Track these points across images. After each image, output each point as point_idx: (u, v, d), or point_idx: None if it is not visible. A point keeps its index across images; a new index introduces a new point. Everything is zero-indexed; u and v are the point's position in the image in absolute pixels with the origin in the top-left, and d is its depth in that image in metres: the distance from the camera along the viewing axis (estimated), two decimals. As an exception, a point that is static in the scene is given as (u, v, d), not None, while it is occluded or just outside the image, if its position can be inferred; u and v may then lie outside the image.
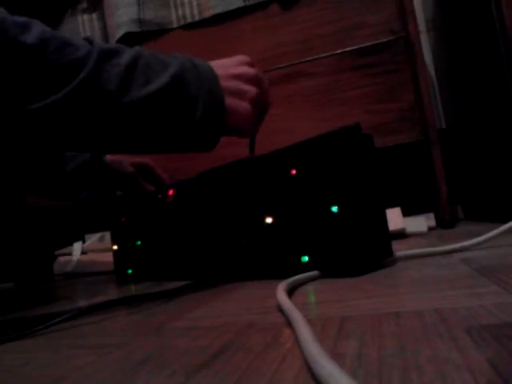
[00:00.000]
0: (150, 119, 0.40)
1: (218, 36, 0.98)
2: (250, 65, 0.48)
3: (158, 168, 0.69)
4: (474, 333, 0.18)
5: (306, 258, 0.41)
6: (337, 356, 0.17)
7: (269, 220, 0.44)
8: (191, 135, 0.43)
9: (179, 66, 0.42)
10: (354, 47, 0.89)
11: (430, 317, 0.21)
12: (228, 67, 0.46)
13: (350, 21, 0.89)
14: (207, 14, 0.97)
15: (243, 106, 0.45)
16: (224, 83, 0.44)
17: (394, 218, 0.72)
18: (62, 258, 0.97)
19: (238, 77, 0.45)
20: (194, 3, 0.98)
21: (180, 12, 0.99)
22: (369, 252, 0.39)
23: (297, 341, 0.20)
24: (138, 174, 0.66)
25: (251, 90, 0.46)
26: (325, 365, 0.14)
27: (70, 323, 0.34)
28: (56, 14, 1.11)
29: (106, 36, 1.08)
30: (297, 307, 0.24)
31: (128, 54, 0.40)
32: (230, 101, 0.44)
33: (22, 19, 0.36)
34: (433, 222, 0.82)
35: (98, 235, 1.02)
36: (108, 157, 0.65)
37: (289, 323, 0.23)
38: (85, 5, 1.09)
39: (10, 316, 0.46)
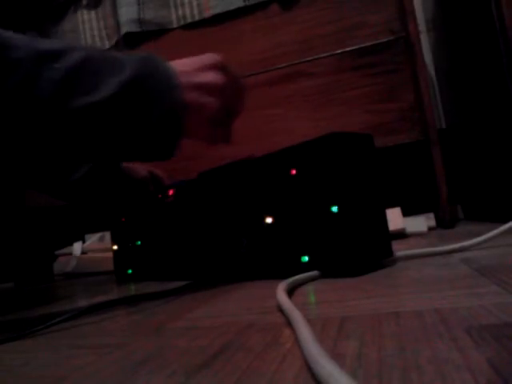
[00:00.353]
0: (92, 131, 0.37)
1: (218, 36, 0.98)
2: (220, 67, 0.44)
3: (157, 168, 0.68)
4: (474, 333, 0.18)
5: (305, 258, 0.41)
6: (337, 356, 0.17)
7: (269, 220, 0.44)
8: (142, 148, 0.40)
9: (133, 72, 0.38)
10: (354, 47, 0.89)
11: (430, 317, 0.21)
12: (192, 74, 0.42)
13: (349, 21, 0.89)
14: (207, 14, 0.97)
15: (200, 121, 0.42)
16: (184, 95, 0.40)
17: (394, 218, 0.72)
18: (62, 258, 0.97)
19: (200, 87, 0.42)
20: (194, 3, 0.98)
21: (180, 12, 0.99)
22: (369, 252, 0.39)
23: (297, 341, 0.20)
24: (150, 180, 0.65)
25: (211, 103, 0.42)
26: (325, 365, 0.14)
27: (70, 323, 0.34)
28: (58, 11, 1.11)
29: (106, 36, 1.08)
30: (297, 307, 0.24)
31: (73, 57, 0.36)
32: (192, 96, 0.41)
33: None
34: (433, 222, 0.82)
35: (97, 235, 1.02)
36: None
37: (289, 323, 0.23)
38: (85, 1, 1.09)
39: (10, 316, 0.46)
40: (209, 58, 0.44)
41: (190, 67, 0.42)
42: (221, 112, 0.44)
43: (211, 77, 0.43)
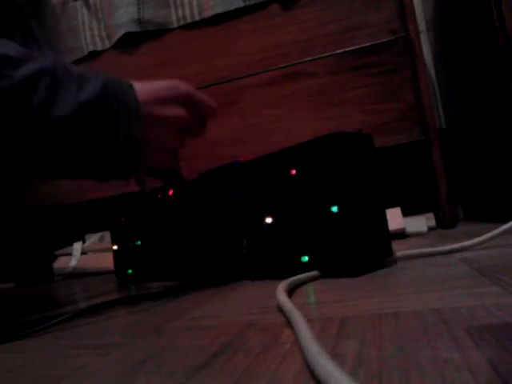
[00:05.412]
0: (40, 148, 0.35)
1: (218, 36, 0.98)
2: (184, 99, 0.43)
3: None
4: (474, 333, 0.18)
5: (306, 258, 0.41)
6: (337, 356, 0.17)
7: (269, 220, 0.44)
8: (103, 168, 0.39)
9: (95, 93, 0.36)
10: (354, 47, 0.89)
11: (430, 317, 0.21)
12: (155, 106, 0.41)
13: (350, 21, 0.89)
14: (207, 13, 0.97)
15: (167, 133, 0.42)
16: (149, 109, 0.40)
17: (394, 218, 0.72)
18: (62, 258, 0.97)
19: (166, 100, 0.41)
20: (194, 3, 0.98)
21: (180, 12, 0.99)
22: (369, 252, 0.39)
23: (297, 341, 0.20)
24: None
25: (179, 113, 0.42)
26: (325, 365, 0.14)
27: (70, 323, 0.34)
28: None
29: (106, 36, 1.08)
30: (297, 307, 0.24)
31: (32, 65, 0.33)
32: (153, 129, 0.40)
33: None
34: (433, 222, 0.82)
35: (97, 235, 1.02)
36: None
37: (289, 323, 0.23)
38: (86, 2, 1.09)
39: (10, 316, 0.46)
40: (174, 88, 0.43)
41: (154, 96, 0.41)
42: (184, 139, 0.45)
43: (174, 112, 0.42)
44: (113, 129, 0.37)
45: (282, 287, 0.31)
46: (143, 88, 0.41)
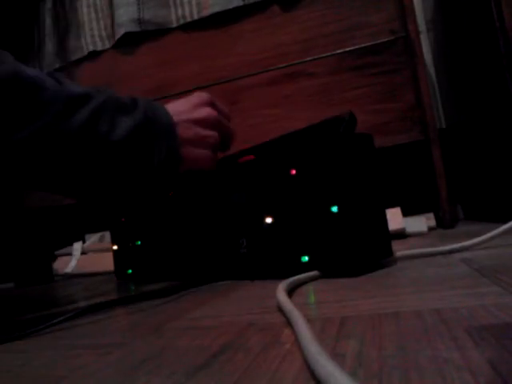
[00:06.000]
0: (104, 168, 0.40)
1: (218, 36, 0.98)
2: (210, 104, 0.48)
3: None
4: (474, 333, 0.18)
5: (306, 258, 0.41)
6: (337, 356, 0.17)
7: (269, 220, 0.44)
8: (143, 187, 0.43)
9: (139, 118, 0.41)
10: (354, 47, 0.89)
11: (430, 317, 0.21)
12: (187, 112, 0.45)
13: (350, 21, 0.89)
14: (206, 12, 0.97)
15: (202, 153, 0.45)
16: (183, 132, 0.44)
17: (394, 218, 0.72)
18: (62, 258, 0.97)
19: (197, 122, 0.45)
20: (194, 2, 0.98)
21: (179, 11, 0.99)
22: (369, 252, 0.39)
23: (297, 341, 0.20)
24: None
25: (211, 135, 0.46)
26: (325, 365, 0.14)
27: (70, 323, 0.34)
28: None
29: (106, 36, 1.08)
30: (297, 307, 0.24)
31: (97, 99, 0.40)
32: (188, 150, 0.44)
33: None
34: (433, 222, 0.82)
35: (97, 235, 1.02)
36: None
37: (289, 323, 0.23)
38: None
39: (10, 316, 0.46)
40: (198, 96, 0.48)
41: (183, 107, 0.46)
42: (221, 139, 0.48)
43: (206, 112, 0.46)
44: (154, 149, 0.42)
45: (281, 287, 0.31)
46: (170, 104, 0.46)
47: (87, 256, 0.95)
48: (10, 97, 0.35)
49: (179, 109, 0.45)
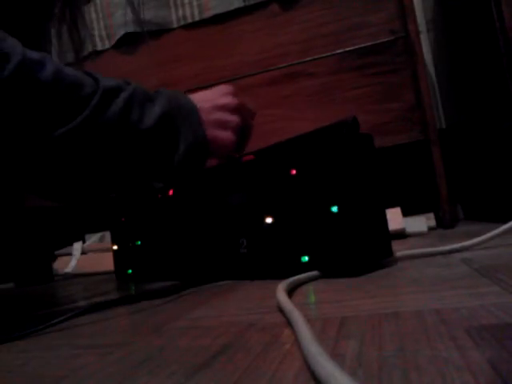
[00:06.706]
0: (134, 156, 0.42)
1: (218, 36, 0.98)
2: (233, 94, 0.50)
3: None
4: (474, 333, 0.18)
5: (306, 258, 0.41)
6: (337, 356, 0.17)
7: (269, 220, 0.44)
8: (172, 172, 0.46)
9: (164, 106, 0.44)
10: (354, 47, 0.89)
11: (430, 317, 0.21)
12: (211, 100, 0.48)
13: (350, 21, 0.89)
14: (207, 14, 0.97)
15: (226, 135, 0.48)
16: (207, 116, 0.46)
17: (394, 218, 0.72)
18: (62, 258, 0.97)
19: (221, 108, 0.48)
20: (195, 3, 0.98)
21: (180, 12, 0.99)
22: (369, 252, 0.39)
23: (297, 341, 0.20)
24: None
25: (234, 119, 0.49)
26: (325, 365, 0.14)
27: (70, 323, 0.34)
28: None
29: (106, 36, 1.08)
30: (297, 307, 0.24)
31: (128, 91, 0.42)
32: (213, 132, 0.47)
33: (35, 55, 0.37)
34: (433, 222, 0.82)
35: (98, 235, 1.02)
36: None
37: (289, 323, 0.23)
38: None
39: (10, 316, 0.46)
40: (221, 87, 0.51)
41: (206, 96, 0.49)
42: (243, 125, 0.51)
43: (229, 99, 0.49)
44: (181, 135, 0.44)
45: (281, 287, 0.31)
46: (198, 97, 0.48)
47: (87, 256, 0.95)
48: (53, 98, 0.37)
49: (202, 97, 0.48)
